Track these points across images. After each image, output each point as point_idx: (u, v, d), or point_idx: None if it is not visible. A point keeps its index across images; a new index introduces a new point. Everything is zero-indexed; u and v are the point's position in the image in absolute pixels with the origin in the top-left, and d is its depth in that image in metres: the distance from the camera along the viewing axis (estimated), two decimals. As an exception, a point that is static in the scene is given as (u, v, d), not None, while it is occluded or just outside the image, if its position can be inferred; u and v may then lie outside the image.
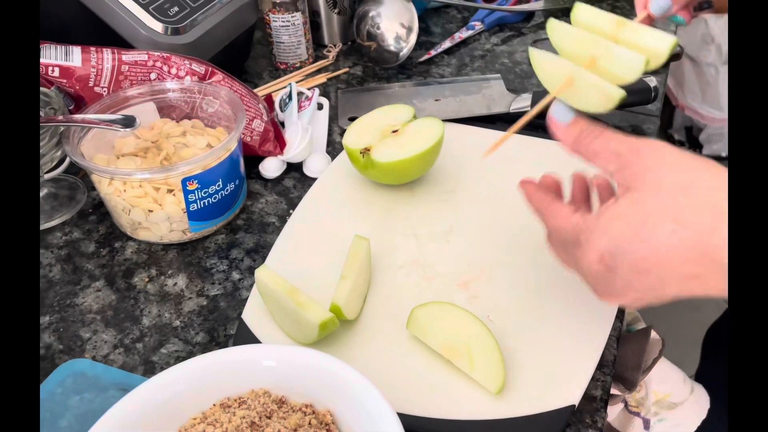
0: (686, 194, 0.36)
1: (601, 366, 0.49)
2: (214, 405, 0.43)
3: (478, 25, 0.91)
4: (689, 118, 1.99)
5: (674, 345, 0.94)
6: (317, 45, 0.90)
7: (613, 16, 0.47)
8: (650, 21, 0.53)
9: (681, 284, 0.36)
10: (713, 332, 0.89)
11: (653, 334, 0.62)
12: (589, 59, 0.45)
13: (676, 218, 0.35)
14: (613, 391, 0.60)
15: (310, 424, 0.42)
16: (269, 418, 0.42)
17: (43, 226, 0.62)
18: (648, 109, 0.75)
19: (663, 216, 0.36)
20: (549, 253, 0.45)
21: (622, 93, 0.42)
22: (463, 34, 0.90)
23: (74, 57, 0.60)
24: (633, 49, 0.44)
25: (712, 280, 0.35)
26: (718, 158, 1.71)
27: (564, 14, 0.96)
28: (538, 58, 0.46)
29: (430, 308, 0.49)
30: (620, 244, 0.37)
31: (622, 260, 0.37)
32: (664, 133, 2.09)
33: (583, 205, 0.46)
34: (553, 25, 0.47)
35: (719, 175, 0.36)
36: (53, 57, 0.59)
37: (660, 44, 0.44)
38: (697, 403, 0.70)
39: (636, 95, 0.70)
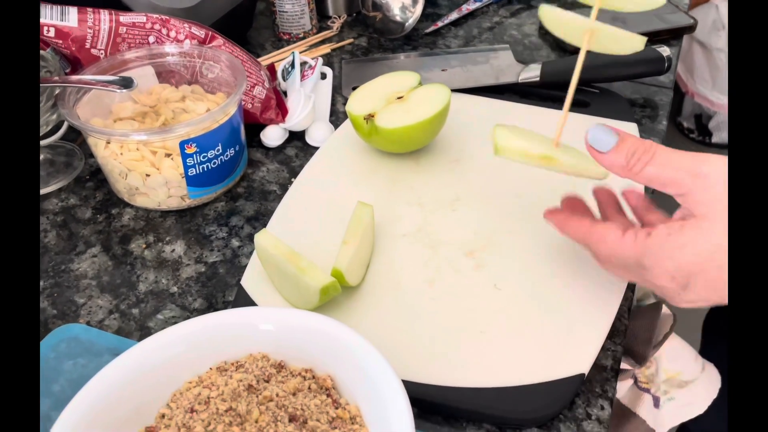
0: None
1: (612, 336, 0.47)
2: (210, 369, 0.41)
3: (486, -2, 0.89)
4: (698, 106, 1.97)
5: (685, 323, 0.92)
6: (321, 15, 0.88)
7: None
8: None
9: None
10: (713, 315, 0.87)
11: (664, 309, 0.60)
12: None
13: None
14: (624, 365, 0.58)
15: (309, 388, 0.40)
16: (267, 381, 0.40)
17: (39, 191, 0.61)
18: (660, 81, 0.73)
19: None
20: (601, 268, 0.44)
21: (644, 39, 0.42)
22: (471, 6, 0.87)
23: (70, 17, 0.58)
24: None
25: None
26: (726, 146, 1.69)
27: (574, -12, 0.94)
28: (552, 14, 0.44)
29: None
30: (692, 269, 0.37)
31: (695, 280, 0.37)
32: (673, 121, 2.07)
33: (620, 218, 0.45)
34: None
35: None
36: (49, 17, 0.58)
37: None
38: (709, 381, 0.68)
39: (648, 65, 0.68)
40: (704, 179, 0.37)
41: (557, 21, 0.45)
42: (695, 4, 1.85)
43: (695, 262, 0.37)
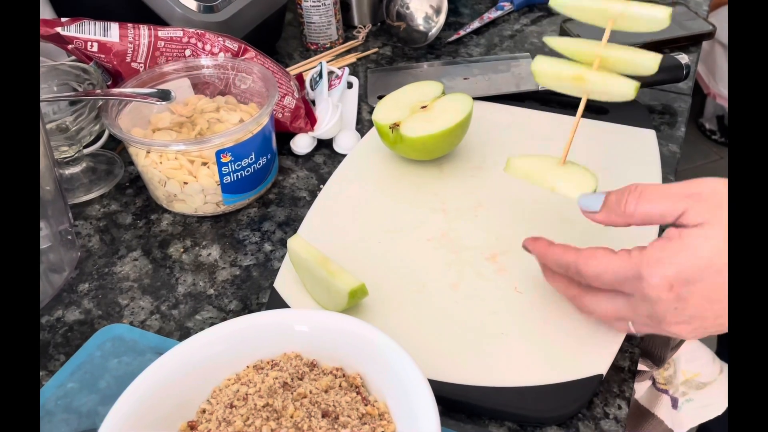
0: None
1: (629, 337, 0.49)
2: (247, 367, 0.44)
3: (508, 6, 0.91)
4: (721, 107, 1.96)
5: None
6: (347, 26, 0.90)
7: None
8: None
9: None
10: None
11: (682, 312, 0.61)
12: (610, 22, 0.47)
13: None
14: (642, 366, 0.60)
15: (340, 386, 0.43)
16: (301, 379, 0.43)
17: (82, 198, 0.64)
18: (679, 88, 0.74)
19: None
20: (586, 314, 0.46)
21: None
22: (492, 14, 0.89)
23: (112, 33, 0.61)
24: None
25: None
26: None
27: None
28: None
29: None
30: (691, 276, 0.37)
31: (693, 289, 0.37)
32: (695, 122, 2.06)
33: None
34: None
35: None
36: (92, 33, 0.61)
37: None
38: (726, 383, 0.70)
39: (666, 72, 0.69)
40: (698, 196, 0.38)
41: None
42: (716, 6, 1.85)
43: (696, 266, 0.37)
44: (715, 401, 0.69)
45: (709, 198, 0.38)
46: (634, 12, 0.46)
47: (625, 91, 0.46)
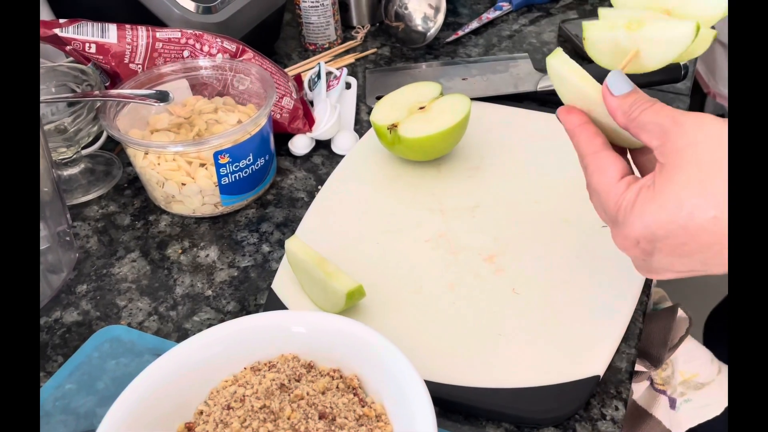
0: (726, 175, 0.33)
1: (626, 339, 0.49)
2: (245, 368, 0.44)
3: (506, 6, 0.91)
4: (721, 106, 1.96)
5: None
6: (345, 26, 0.90)
7: None
8: None
9: (726, 265, 0.34)
10: (714, 317, 0.88)
11: (680, 312, 0.62)
12: (664, 12, 0.42)
13: (718, 204, 0.33)
14: (639, 367, 0.60)
15: (337, 387, 0.43)
16: (298, 381, 0.43)
17: (80, 199, 0.64)
18: (677, 88, 0.74)
19: (703, 200, 0.34)
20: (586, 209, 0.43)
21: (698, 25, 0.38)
22: (491, 14, 0.89)
23: (110, 34, 0.61)
24: None
25: None
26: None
27: (593, -5, 0.95)
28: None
29: None
30: (656, 231, 0.35)
31: (659, 246, 0.36)
32: (695, 121, 2.06)
33: (627, 165, 0.42)
34: None
35: None
36: (90, 34, 0.61)
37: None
38: (725, 383, 0.70)
39: (665, 73, 0.69)
40: (680, 127, 0.36)
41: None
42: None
43: (660, 220, 0.35)
44: (713, 401, 0.70)
45: (685, 132, 0.35)
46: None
47: (684, 31, 0.39)
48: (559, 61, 0.42)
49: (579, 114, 0.41)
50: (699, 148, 0.35)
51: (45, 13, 0.73)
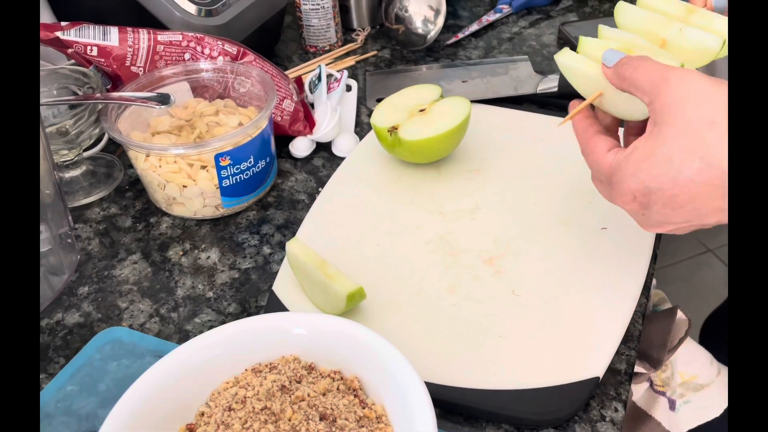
0: (711, 130, 0.36)
1: (626, 340, 0.49)
2: (246, 370, 0.44)
3: (506, 9, 0.91)
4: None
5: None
6: (346, 29, 0.91)
7: (684, 3, 0.47)
8: None
9: (716, 215, 0.37)
10: (712, 321, 0.89)
11: (679, 314, 0.62)
12: (660, 41, 0.45)
13: (703, 156, 0.36)
14: (639, 369, 0.60)
15: (338, 389, 0.43)
16: (299, 382, 0.43)
17: (82, 202, 0.65)
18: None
19: (690, 153, 0.36)
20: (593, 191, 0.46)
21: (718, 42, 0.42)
22: (491, 17, 0.90)
23: (112, 37, 0.61)
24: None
25: None
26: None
27: (593, -3, 0.96)
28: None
29: None
30: (649, 184, 0.38)
31: (654, 198, 0.38)
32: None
33: (616, 137, 0.46)
34: (622, 7, 0.47)
35: None
36: (91, 37, 0.61)
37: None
38: (724, 385, 0.70)
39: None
40: (667, 83, 0.38)
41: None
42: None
43: (652, 173, 0.38)
44: (712, 403, 0.70)
45: (672, 89, 0.38)
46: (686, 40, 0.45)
47: (710, 44, 0.44)
48: (566, 57, 0.46)
49: (584, 108, 0.46)
50: (686, 106, 0.37)
51: (47, 17, 0.73)
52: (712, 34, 0.44)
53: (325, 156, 0.69)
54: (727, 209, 0.36)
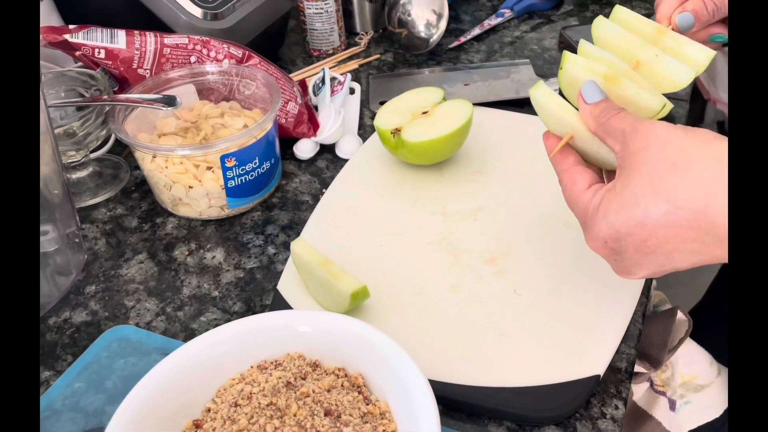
0: (675, 172, 0.36)
1: (626, 339, 0.50)
2: (251, 367, 0.45)
3: (508, 13, 0.92)
4: (721, 113, 1.96)
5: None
6: (349, 32, 0.92)
7: (654, 23, 0.48)
8: None
9: (689, 258, 0.37)
10: (702, 304, 0.89)
11: (679, 314, 0.62)
12: (635, 62, 0.46)
13: (669, 199, 0.35)
14: (639, 369, 0.61)
15: (342, 386, 0.43)
16: (304, 379, 0.44)
17: (89, 202, 0.65)
18: (677, 94, 0.75)
19: (655, 197, 0.36)
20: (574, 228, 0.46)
21: (664, 103, 0.42)
22: (493, 21, 0.91)
23: (119, 40, 0.62)
24: (674, 56, 0.45)
25: (716, 252, 0.35)
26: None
27: (594, 2, 0.96)
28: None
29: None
30: (620, 229, 0.38)
31: (625, 245, 0.38)
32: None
33: (597, 176, 0.45)
34: (600, 22, 0.48)
35: (707, 146, 0.36)
36: (99, 40, 0.62)
37: (701, 57, 0.45)
38: (724, 386, 0.70)
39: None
40: (636, 132, 0.38)
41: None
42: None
43: (620, 218, 0.37)
44: (713, 403, 0.70)
45: (640, 137, 0.38)
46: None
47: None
48: (540, 92, 0.45)
49: (556, 140, 0.44)
50: (651, 151, 0.37)
51: (54, 20, 0.74)
52: (686, 67, 0.44)
53: (329, 158, 0.70)
54: (701, 252, 0.36)
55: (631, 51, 0.46)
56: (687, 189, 0.35)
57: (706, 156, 0.35)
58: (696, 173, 0.35)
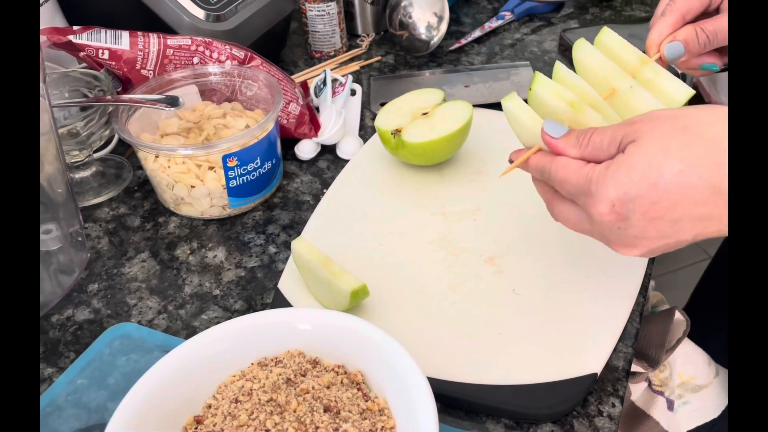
0: (688, 134, 0.36)
1: (623, 338, 0.50)
2: (252, 364, 0.45)
3: (508, 15, 0.93)
4: (723, 115, 1.97)
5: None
6: (351, 34, 0.92)
7: (638, 52, 0.47)
8: (664, 64, 0.50)
9: (696, 226, 0.37)
10: (695, 299, 0.90)
11: (677, 314, 0.63)
12: (609, 90, 0.45)
13: (683, 158, 0.36)
14: (637, 368, 0.61)
15: (342, 383, 0.44)
16: (304, 376, 0.44)
17: (92, 201, 0.66)
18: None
19: (669, 157, 0.36)
20: (556, 221, 0.45)
21: None
22: (493, 23, 0.91)
23: (123, 41, 0.63)
24: (651, 89, 0.45)
25: (725, 218, 0.35)
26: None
27: (594, 5, 0.97)
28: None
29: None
30: (629, 191, 0.37)
31: (633, 207, 0.37)
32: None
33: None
34: (581, 45, 0.47)
35: (716, 110, 0.36)
36: (103, 41, 0.63)
37: (677, 93, 0.45)
38: (722, 386, 0.71)
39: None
40: (632, 124, 0.39)
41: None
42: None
43: (632, 181, 0.37)
44: (710, 404, 0.70)
45: (647, 121, 0.38)
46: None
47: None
48: (513, 103, 0.45)
49: (525, 151, 0.45)
50: (660, 121, 0.38)
51: (59, 21, 0.75)
52: (659, 103, 0.44)
53: (330, 158, 0.71)
54: (710, 217, 0.36)
55: (608, 78, 0.46)
56: (701, 146, 0.36)
57: (717, 118, 0.36)
58: (709, 133, 0.36)
